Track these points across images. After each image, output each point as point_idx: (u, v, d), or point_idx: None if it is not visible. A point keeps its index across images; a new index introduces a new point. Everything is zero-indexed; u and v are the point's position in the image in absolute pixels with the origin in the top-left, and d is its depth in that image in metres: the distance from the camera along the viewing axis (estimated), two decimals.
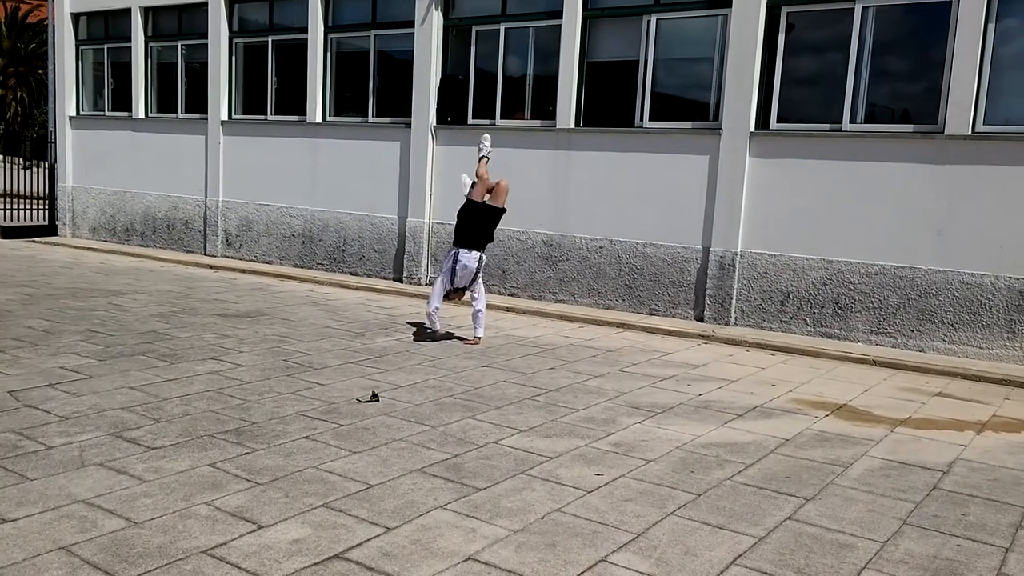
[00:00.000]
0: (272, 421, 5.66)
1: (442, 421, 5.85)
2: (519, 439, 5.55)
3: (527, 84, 11.41)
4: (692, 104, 10.33)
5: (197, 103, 14.75)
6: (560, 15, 10.79)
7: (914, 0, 8.83)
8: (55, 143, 16.85)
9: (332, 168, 13.08)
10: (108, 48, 16.03)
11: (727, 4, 9.71)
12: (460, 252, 8.51)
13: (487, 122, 11.62)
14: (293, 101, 13.55)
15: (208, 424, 5.52)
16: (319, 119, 13.17)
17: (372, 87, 12.74)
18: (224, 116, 14.27)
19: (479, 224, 8.57)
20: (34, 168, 18.97)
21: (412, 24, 12.01)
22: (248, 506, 4.23)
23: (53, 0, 16.45)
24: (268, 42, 13.79)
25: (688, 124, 10.19)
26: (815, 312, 9.39)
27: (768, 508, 4.55)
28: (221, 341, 8.08)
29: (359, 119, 12.88)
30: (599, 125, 10.76)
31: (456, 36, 11.93)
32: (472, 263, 8.49)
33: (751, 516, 4.43)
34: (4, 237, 16.60)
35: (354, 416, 5.87)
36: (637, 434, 5.78)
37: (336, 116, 13.19)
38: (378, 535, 3.98)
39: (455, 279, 8.52)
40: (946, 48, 8.62)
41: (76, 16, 16.35)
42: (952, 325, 8.68)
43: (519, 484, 4.73)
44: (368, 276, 12.76)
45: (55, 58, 16.59)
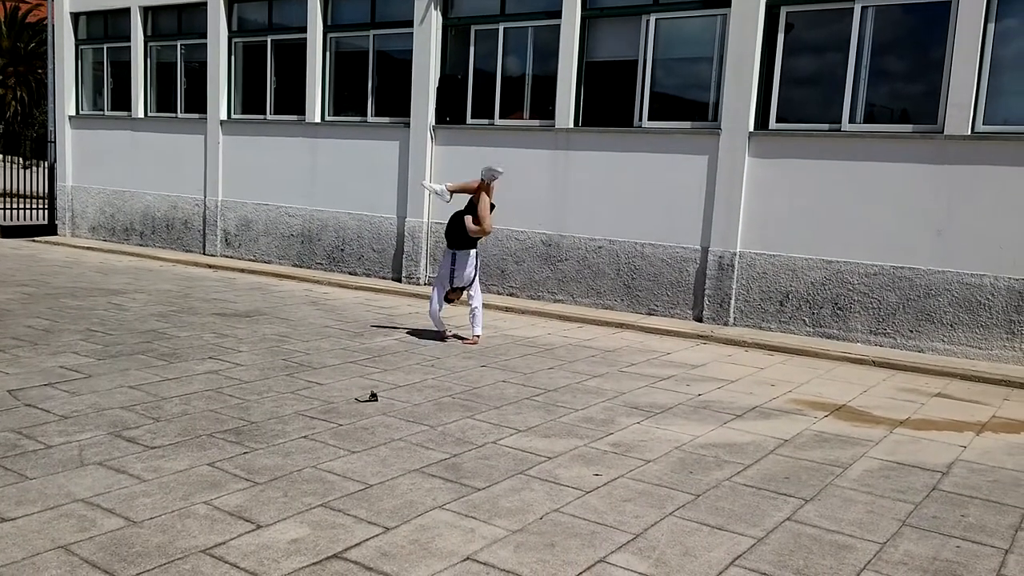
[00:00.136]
0: (271, 421, 5.66)
1: (441, 421, 5.85)
2: (518, 439, 5.55)
3: (526, 84, 11.41)
4: (691, 104, 10.32)
5: (196, 103, 14.75)
6: (559, 15, 10.79)
7: (913, 0, 8.84)
8: (55, 142, 16.85)
9: (331, 168, 13.08)
10: (108, 48, 16.03)
11: (726, 4, 9.71)
12: (457, 254, 8.54)
13: (486, 122, 11.62)
14: (292, 101, 13.55)
15: (207, 423, 5.52)
16: (318, 119, 13.17)
17: (371, 87, 12.74)
18: (223, 116, 14.27)
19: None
20: (34, 167, 18.97)
21: (411, 24, 12.01)
22: (247, 506, 4.23)
23: (53, 0, 16.45)
24: (267, 42, 13.79)
25: (687, 124, 10.19)
26: (814, 312, 9.39)
27: (767, 509, 4.55)
28: (220, 340, 8.08)
29: (358, 119, 12.88)
30: (598, 125, 10.76)
31: (455, 36, 11.93)
32: (470, 266, 8.55)
33: (750, 517, 4.43)
34: (4, 236, 16.60)
35: (353, 416, 5.87)
36: (636, 434, 5.78)
37: (335, 116, 13.19)
38: (377, 535, 3.98)
39: (454, 280, 8.56)
40: (946, 48, 8.62)
41: (76, 16, 16.34)
42: (951, 325, 8.68)
43: (518, 484, 4.73)
44: (367, 276, 12.76)
45: (55, 58, 16.59)
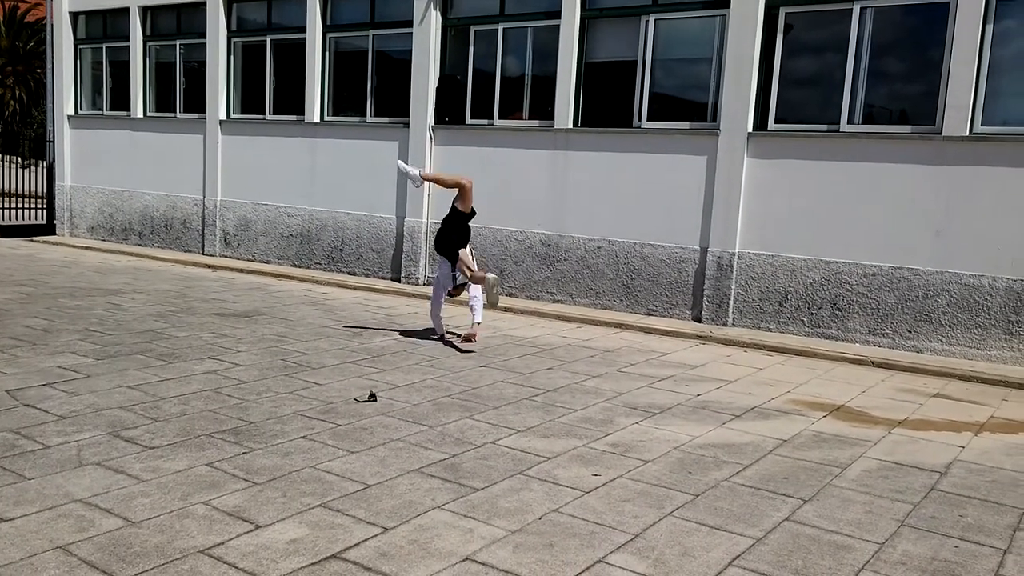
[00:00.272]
0: (270, 421, 5.66)
1: (440, 421, 5.85)
2: (517, 439, 5.55)
3: (525, 84, 11.41)
4: (690, 104, 10.33)
5: (195, 102, 14.75)
6: (558, 15, 10.79)
7: (912, 1, 8.84)
8: (53, 142, 16.84)
9: (330, 168, 13.07)
10: (107, 47, 16.02)
11: (725, 5, 9.71)
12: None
13: (485, 122, 11.62)
14: (291, 101, 13.55)
15: (206, 424, 5.51)
16: (317, 119, 13.17)
17: (370, 87, 12.74)
18: (222, 115, 14.26)
19: (461, 231, 8.55)
20: (32, 167, 18.95)
21: (410, 24, 12.00)
22: (245, 506, 4.23)
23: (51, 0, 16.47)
24: (266, 41, 13.79)
25: (686, 124, 10.19)
26: (813, 313, 9.40)
27: (766, 509, 4.56)
28: (219, 341, 8.07)
29: (357, 119, 12.88)
30: (597, 125, 10.76)
31: (454, 36, 11.93)
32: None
33: (749, 517, 4.43)
34: (2, 236, 16.59)
35: (352, 416, 5.87)
36: (635, 435, 5.79)
37: (334, 116, 13.18)
38: (375, 535, 3.98)
39: (456, 279, 8.55)
40: (944, 49, 8.62)
41: (75, 15, 16.33)
42: (950, 326, 8.69)
43: (517, 484, 4.73)
44: (366, 276, 12.75)
45: (54, 57, 16.58)
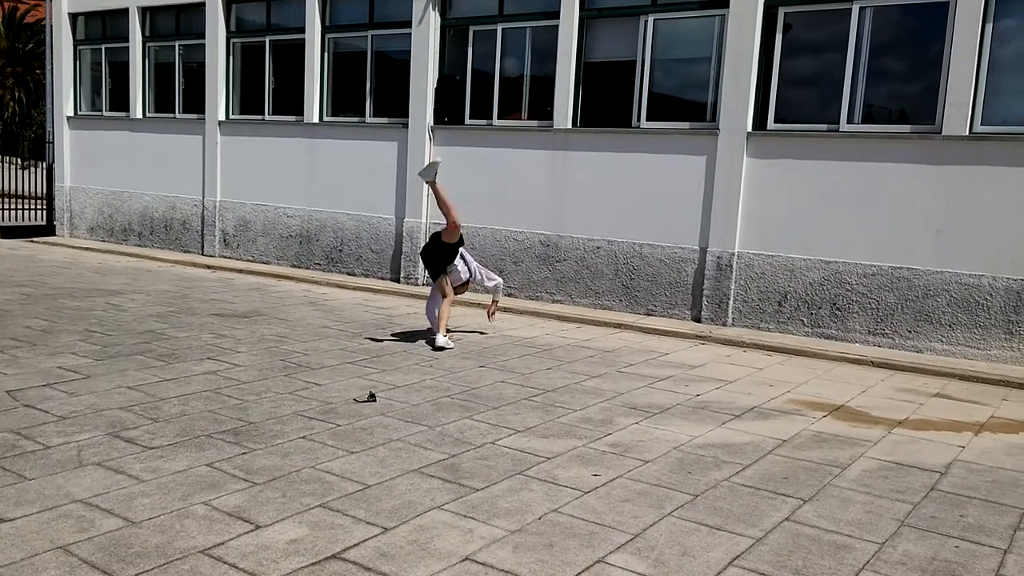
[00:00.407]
0: (269, 421, 5.65)
1: (439, 421, 5.85)
2: (516, 439, 5.54)
3: (524, 84, 11.41)
4: (689, 104, 10.33)
5: (195, 103, 14.75)
6: (557, 15, 10.79)
7: (912, 0, 8.85)
8: (53, 143, 16.83)
9: (329, 168, 13.07)
10: (106, 48, 16.01)
11: (724, 4, 9.71)
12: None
13: (484, 122, 11.62)
14: (290, 101, 13.55)
15: (206, 424, 5.51)
16: (316, 119, 13.17)
17: (369, 87, 12.74)
18: (221, 116, 14.26)
19: (445, 255, 8.58)
20: (32, 168, 18.94)
21: (409, 24, 12.01)
22: (245, 506, 4.23)
23: (51, 0, 16.44)
24: (265, 42, 13.79)
25: (685, 124, 10.19)
26: (812, 313, 9.40)
27: (766, 509, 4.56)
28: (219, 341, 8.07)
29: (356, 119, 12.88)
30: (596, 125, 10.76)
31: (453, 36, 11.93)
32: (462, 271, 8.69)
33: (749, 517, 4.43)
34: (2, 237, 16.59)
35: (351, 416, 5.87)
36: (634, 435, 5.78)
37: (333, 116, 13.18)
38: (375, 535, 3.98)
39: (455, 281, 8.64)
40: (944, 48, 8.63)
41: (74, 16, 16.33)
42: (950, 326, 8.69)
43: (516, 484, 4.73)
44: (365, 276, 12.75)
45: (53, 58, 16.57)
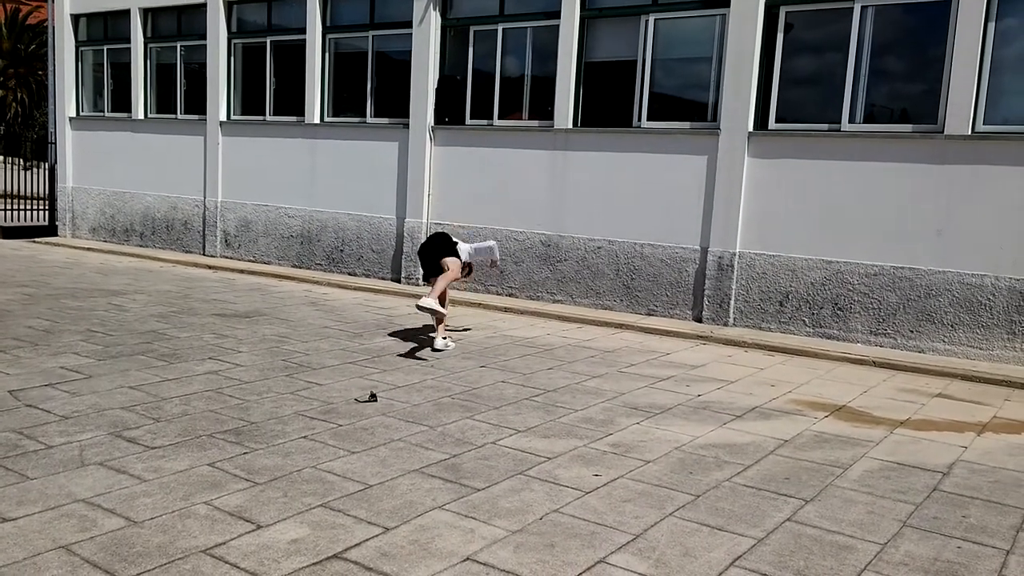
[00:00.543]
0: (271, 421, 5.66)
1: (440, 421, 5.85)
2: (517, 439, 5.54)
3: (525, 84, 11.41)
4: (690, 104, 10.32)
5: (196, 104, 14.76)
6: (558, 15, 10.79)
7: (913, 0, 8.84)
8: (55, 144, 16.85)
9: (330, 168, 13.07)
10: (108, 49, 16.03)
11: (725, 4, 9.70)
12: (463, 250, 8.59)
13: (485, 122, 11.62)
14: (291, 102, 13.55)
15: (207, 424, 5.52)
16: (317, 120, 13.17)
17: (370, 87, 12.74)
18: (223, 117, 14.27)
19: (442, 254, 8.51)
20: (34, 169, 18.97)
21: (410, 24, 12.01)
22: (247, 506, 4.23)
23: (53, 1, 16.45)
24: (267, 43, 13.79)
25: (686, 124, 10.19)
26: (814, 313, 9.39)
27: (767, 509, 4.55)
28: (220, 341, 8.08)
29: (357, 119, 12.88)
30: (597, 125, 10.76)
31: (454, 36, 11.93)
32: (463, 255, 8.56)
33: (750, 517, 4.43)
34: (4, 237, 16.61)
35: (352, 416, 5.87)
36: (635, 435, 5.78)
37: (334, 116, 13.18)
38: (376, 535, 3.98)
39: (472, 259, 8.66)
40: (946, 48, 8.62)
41: (76, 17, 16.34)
42: (952, 326, 8.68)
43: (517, 484, 4.72)
44: (366, 276, 12.75)
45: (55, 59, 16.59)
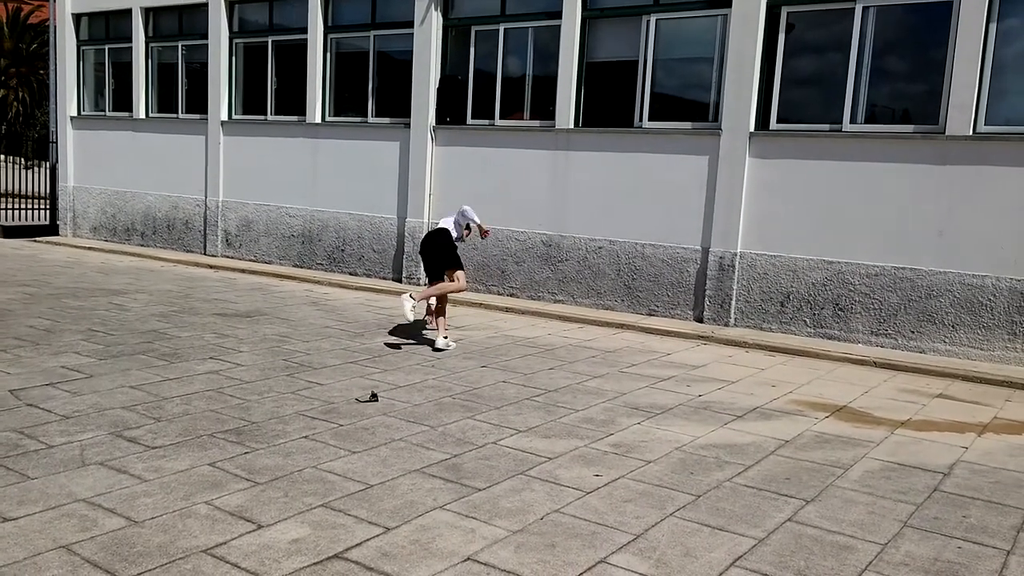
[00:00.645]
0: (272, 421, 5.66)
1: (441, 421, 5.85)
2: (518, 439, 5.54)
3: (526, 84, 11.41)
4: (692, 104, 10.32)
5: (197, 103, 14.76)
6: (559, 15, 10.79)
7: (915, 0, 8.84)
8: (56, 143, 16.86)
9: (332, 168, 13.07)
10: (109, 48, 16.03)
11: (727, 4, 9.70)
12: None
13: (486, 122, 11.62)
14: (293, 101, 13.55)
15: (208, 423, 5.52)
16: (319, 119, 13.17)
17: (371, 87, 12.74)
18: (224, 116, 14.27)
19: (445, 252, 8.59)
20: (35, 168, 18.98)
21: (411, 24, 12.01)
22: (248, 506, 4.23)
23: (55, 1, 16.46)
24: (268, 42, 13.80)
25: (688, 124, 10.18)
26: (815, 313, 9.39)
27: (768, 510, 4.55)
28: (221, 341, 8.08)
29: (359, 119, 12.88)
30: (598, 125, 10.76)
31: (455, 36, 11.93)
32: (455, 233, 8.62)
33: (751, 517, 4.43)
34: (6, 237, 16.62)
35: (353, 416, 5.87)
36: (636, 435, 5.78)
37: (336, 116, 13.19)
38: (377, 535, 3.98)
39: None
40: (947, 48, 8.61)
41: (77, 17, 16.35)
42: (953, 326, 8.67)
43: (518, 485, 4.72)
44: (367, 276, 12.75)
45: (56, 58, 16.60)
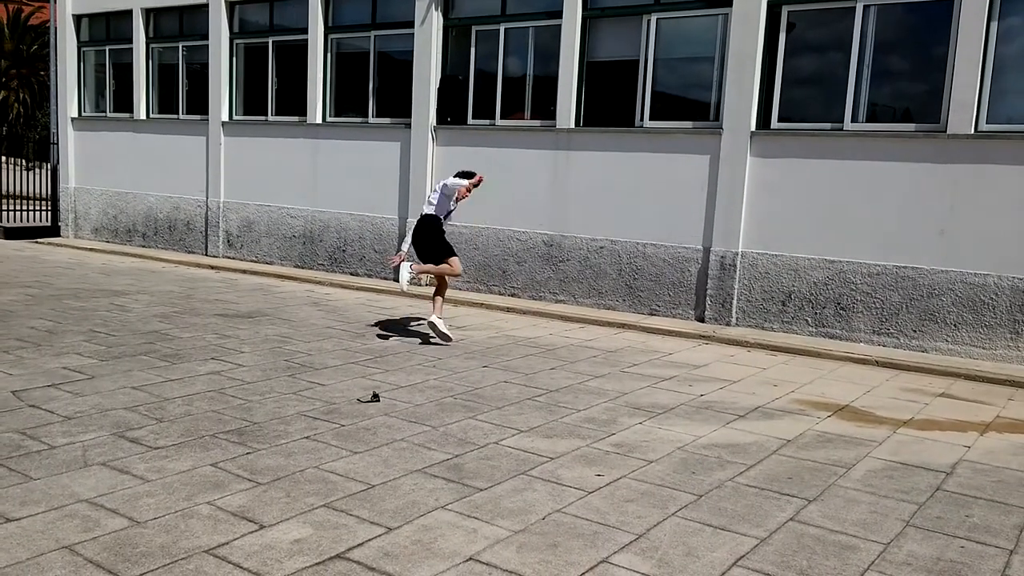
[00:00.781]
0: (273, 421, 5.66)
1: (443, 421, 5.85)
2: (520, 439, 5.54)
3: (527, 84, 11.41)
4: (693, 104, 10.32)
5: (198, 104, 14.77)
6: (560, 15, 10.79)
7: None
8: (57, 144, 16.87)
9: (332, 169, 13.08)
10: (109, 49, 16.04)
11: (727, 3, 9.70)
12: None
13: (487, 122, 11.62)
14: (293, 102, 13.56)
15: (210, 424, 5.52)
16: (319, 120, 13.18)
17: (372, 88, 12.74)
18: (225, 117, 14.28)
19: (437, 237, 8.70)
20: (36, 169, 18.98)
21: (412, 24, 12.01)
22: (250, 506, 4.23)
23: (55, 2, 16.47)
24: (268, 43, 13.80)
25: (689, 124, 10.18)
26: (817, 312, 9.38)
27: (770, 509, 4.55)
28: (222, 341, 8.08)
29: (359, 120, 12.88)
30: (599, 125, 10.76)
31: (456, 36, 11.93)
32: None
33: (753, 517, 4.42)
34: (7, 238, 16.63)
35: (355, 416, 5.87)
36: (638, 435, 5.78)
37: (336, 117, 13.19)
38: (379, 535, 3.98)
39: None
40: (948, 47, 8.61)
41: (78, 18, 16.36)
42: (955, 325, 8.66)
43: (520, 484, 4.72)
44: (368, 276, 12.76)
45: (57, 60, 16.61)
